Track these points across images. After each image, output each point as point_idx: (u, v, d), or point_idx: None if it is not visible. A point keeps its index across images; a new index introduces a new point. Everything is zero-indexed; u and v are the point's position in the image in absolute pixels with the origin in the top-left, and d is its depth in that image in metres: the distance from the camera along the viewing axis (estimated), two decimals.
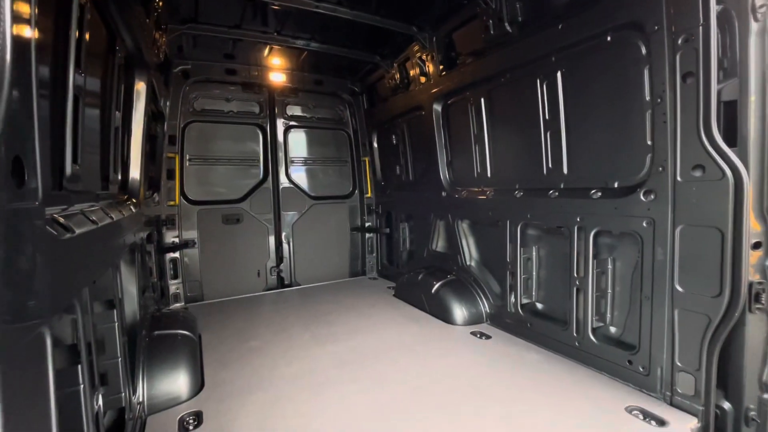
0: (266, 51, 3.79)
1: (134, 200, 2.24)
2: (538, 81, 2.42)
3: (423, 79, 3.49)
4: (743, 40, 1.59)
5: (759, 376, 1.73)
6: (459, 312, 3.03)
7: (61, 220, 0.85)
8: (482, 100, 2.93)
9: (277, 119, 4.26)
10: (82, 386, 0.97)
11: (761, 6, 1.55)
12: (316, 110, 4.49)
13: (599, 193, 2.17)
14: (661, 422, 1.71)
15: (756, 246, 1.67)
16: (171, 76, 3.52)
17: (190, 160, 3.81)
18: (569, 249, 2.31)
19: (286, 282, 4.34)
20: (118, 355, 1.51)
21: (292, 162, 4.40)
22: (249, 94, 4.10)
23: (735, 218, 1.59)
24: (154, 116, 2.99)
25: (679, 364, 1.81)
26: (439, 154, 3.46)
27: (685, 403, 1.79)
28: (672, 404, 1.83)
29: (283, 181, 4.33)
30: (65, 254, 0.81)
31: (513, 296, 2.77)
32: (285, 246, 4.32)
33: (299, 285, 4.36)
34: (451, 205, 3.39)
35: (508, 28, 2.53)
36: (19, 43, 0.58)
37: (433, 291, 3.25)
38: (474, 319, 2.98)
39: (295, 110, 4.38)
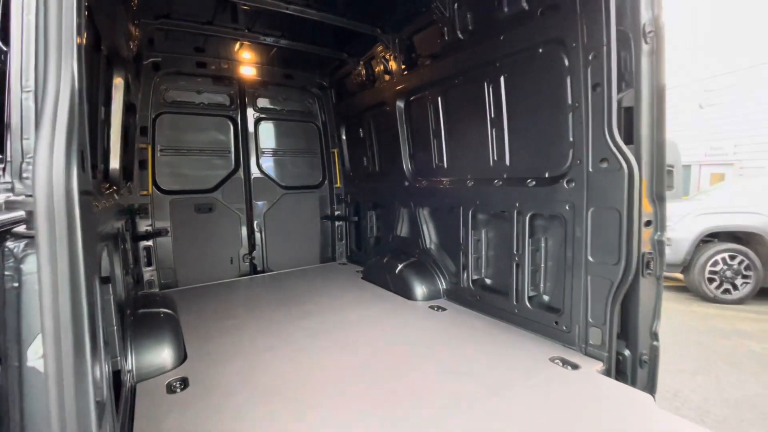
0: (237, 46, 3.92)
1: (115, 189, 2.39)
2: (485, 84, 2.76)
3: (387, 77, 3.77)
4: (637, 58, 1.98)
5: (650, 327, 2.17)
6: (419, 289, 3.37)
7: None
8: (439, 98, 3.24)
9: (247, 111, 4.40)
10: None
11: (650, 32, 1.94)
12: (286, 103, 4.66)
13: (534, 182, 2.55)
14: (575, 366, 2.12)
15: (647, 224, 2.10)
16: (142, 68, 3.59)
17: (161, 150, 3.90)
18: (511, 231, 2.69)
19: (258, 268, 4.53)
20: (114, 324, 1.72)
21: (263, 153, 4.56)
22: (219, 87, 4.21)
23: (629, 201, 2.00)
24: (126, 108, 3.09)
25: (590, 320, 2.23)
26: (402, 147, 3.76)
27: (595, 351, 2.21)
28: (586, 353, 2.25)
29: (255, 171, 4.49)
30: (97, 220, 1.03)
31: (465, 274, 3.14)
32: (257, 234, 4.50)
33: (271, 271, 4.56)
34: (413, 193, 3.72)
35: (460, 35, 2.85)
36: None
37: (396, 272, 3.58)
38: (432, 295, 3.34)
39: (266, 103, 4.53)
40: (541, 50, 2.36)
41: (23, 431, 0.79)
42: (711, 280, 5.98)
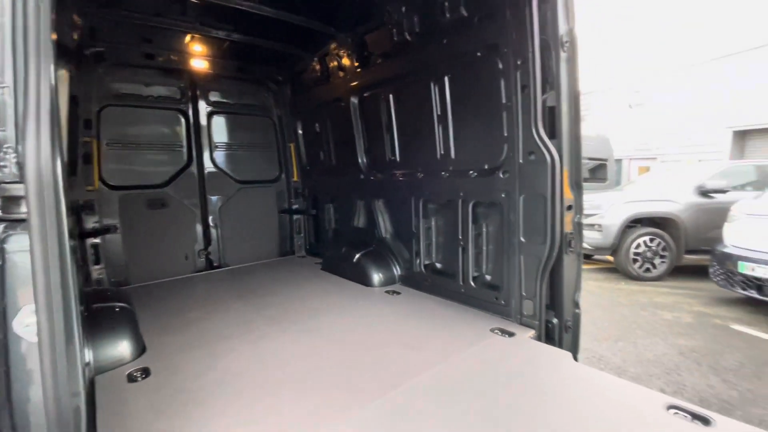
0: (187, 38, 3.86)
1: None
2: (431, 83, 2.99)
3: (342, 74, 3.90)
4: (557, 63, 2.28)
5: (572, 297, 2.52)
6: (376, 276, 3.57)
7: None
8: (391, 96, 3.44)
9: (199, 105, 4.33)
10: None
11: (566, 42, 2.25)
12: (241, 97, 4.64)
13: (475, 174, 2.83)
14: (512, 334, 2.42)
15: (569, 208, 2.42)
16: (84, 58, 3.45)
17: (108, 144, 3.76)
18: (456, 218, 2.96)
19: (215, 264, 4.50)
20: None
21: (217, 147, 4.52)
22: (169, 79, 4.11)
23: (552, 189, 2.31)
24: (70, 100, 2.99)
25: (524, 294, 2.54)
26: (357, 142, 3.92)
27: (528, 321, 2.53)
28: (521, 323, 2.56)
29: (208, 165, 4.45)
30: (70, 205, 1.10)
31: (418, 260, 3.38)
32: (212, 229, 4.47)
33: (229, 266, 4.55)
34: (369, 186, 3.90)
35: (408, 37, 3.05)
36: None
37: (354, 261, 3.76)
38: (388, 281, 3.55)
39: (219, 96, 4.48)
40: (479, 54, 2.62)
41: (9, 392, 0.88)
42: (635, 261, 6.74)
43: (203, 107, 4.35)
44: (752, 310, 5.08)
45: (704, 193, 6.78)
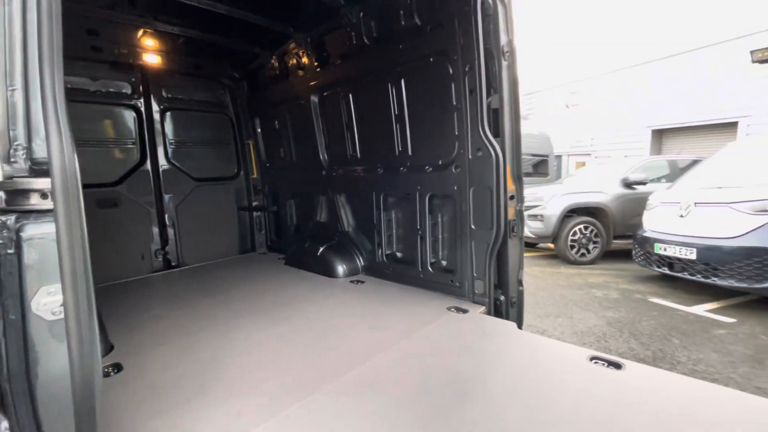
0: (139, 32, 3.76)
1: None
2: (389, 85, 3.20)
3: (301, 72, 4.00)
4: (499, 70, 2.59)
5: (517, 276, 2.86)
6: (340, 267, 3.75)
7: None
8: (350, 95, 3.61)
9: (152, 101, 4.22)
10: None
11: (506, 51, 2.56)
12: (196, 93, 4.56)
13: (431, 169, 3.09)
14: (465, 311, 2.71)
15: (511, 198, 2.75)
16: None
17: None
18: (414, 210, 3.21)
19: (173, 263, 4.42)
20: None
21: (172, 144, 4.43)
22: (119, 74, 3.97)
23: (497, 181, 2.62)
24: None
25: (475, 275, 2.85)
26: (318, 139, 4.05)
27: (479, 299, 2.84)
28: (473, 301, 2.86)
29: (163, 163, 4.35)
30: None
31: (380, 250, 3.60)
32: (169, 228, 4.38)
33: (188, 265, 4.49)
34: (331, 182, 4.05)
35: (366, 40, 3.24)
36: None
37: (318, 254, 3.90)
38: (352, 272, 3.74)
39: (173, 93, 4.38)
40: (431, 60, 2.87)
41: (28, 369, 0.96)
42: (572, 247, 7.47)
43: (157, 103, 4.24)
44: (666, 284, 5.88)
45: (628, 185, 7.66)
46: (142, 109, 4.15)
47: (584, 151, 15.82)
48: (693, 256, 5.00)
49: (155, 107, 4.24)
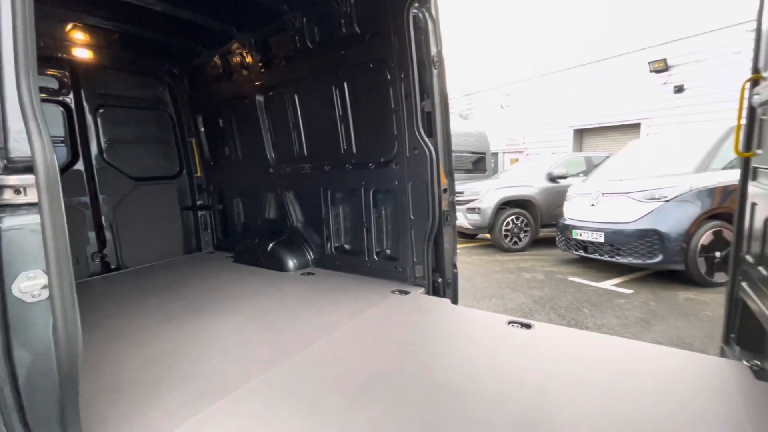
0: (68, 26, 3.58)
1: None
2: (333, 87, 3.42)
3: (245, 72, 4.06)
4: (430, 78, 2.92)
5: (451, 260, 3.23)
6: (291, 262, 3.90)
7: None
8: (296, 96, 3.76)
9: (84, 97, 4.03)
10: None
11: (436, 61, 2.90)
12: (133, 90, 4.41)
13: (374, 166, 3.36)
14: (407, 293, 3.02)
15: (445, 191, 3.11)
16: None
17: None
18: (360, 204, 3.47)
19: (112, 266, 4.25)
20: None
21: (107, 142, 4.25)
22: (45, 69, 3.75)
23: (431, 176, 2.96)
24: None
25: (415, 260, 3.17)
26: (264, 137, 4.14)
27: (419, 281, 3.17)
28: (414, 284, 3.18)
29: (98, 162, 4.17)
30: None
31: (329, 243, 3.81)
32: (107, 230, 4.22)
33: (128, 268, 4.35)
34: (279, 179, 4.16)
35: (310, 44, 3.42)
36: None
37: (268, 249, 4.01)
38: (302, 265, 3.91)
39: (107, 89, 4.20)
40: (371, 66, 3.13)
41: (9, 348, 1.07)
42: (506, 236, 8.20)
43: (90, 100, 4.05)
44: (582, 265, 6.74)
45: (552, 179, 8.57)
46: (73, 106, 3.95)
47: (517, 148, 17.15)
48: (601, 239, 5.81)
49: (88, 105, 4.05)
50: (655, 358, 1.93)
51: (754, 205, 1.80)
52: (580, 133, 15.74)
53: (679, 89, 12.38)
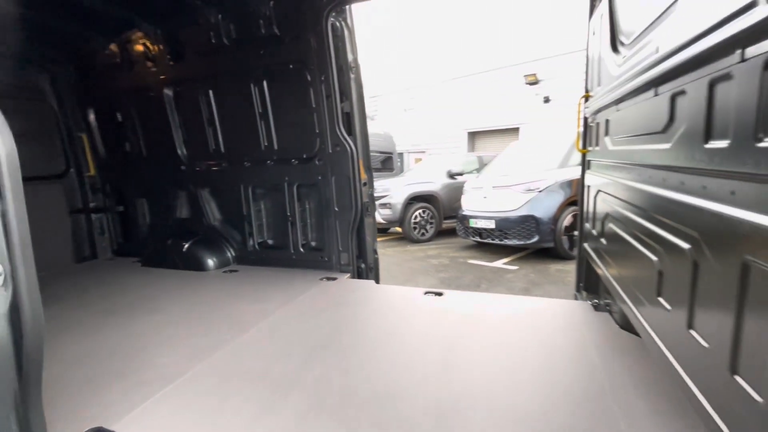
0: None
1: None
2: (251, 84, 3.48)
3: (150, 64, 3.83)
4: (348, 81, 3.21)
5: (372, 247, 3.59)
6: (210, 260, 3.83)
7: None
8: (211, 91, 3.70)
9: None
10: None
11: (352, 67, 3.20)
12: (3, 76, 3.80)
13: (297, 161, 3.53)
14: (334, 279, 3.28)
15: (365, 185, 3.45)
16: None
17: None
18: (284, 199, 3.60)
19: None
20: None
21: None
22: None
23: (353, 171, 3.26)
24: None
25: (341, 249, 3.45)
26: (174, 133, 3.96)
27: (345, 268, 3.45)
28: (341, 271, 3.46)
29: None
30: None
31: (251, 239, 3.84)
32: None
33: None
34: (192, 176, 4.02)
35: (226, 41, 3.42)
36: None
37: (185, 250, 3.87)
38: (223, 263, 3.87)
39: None
40: (291, 66, 3.30)
41: None
42: (415, 228, 8.93)
43: None
44: (479, 249, 7.75)
45: (451, 176, 9.58)
46: None
47: (420, 148, 18.46)
48: (493, 226, 6.80)
49: None
50: (533, 306, 2.54)
51: (588, 187, 2.50)
52: (473, 135, 17.67)
53: (546, 99, 14.79)
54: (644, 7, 1.46)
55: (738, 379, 0.81)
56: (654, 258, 1.32)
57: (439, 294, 2.78)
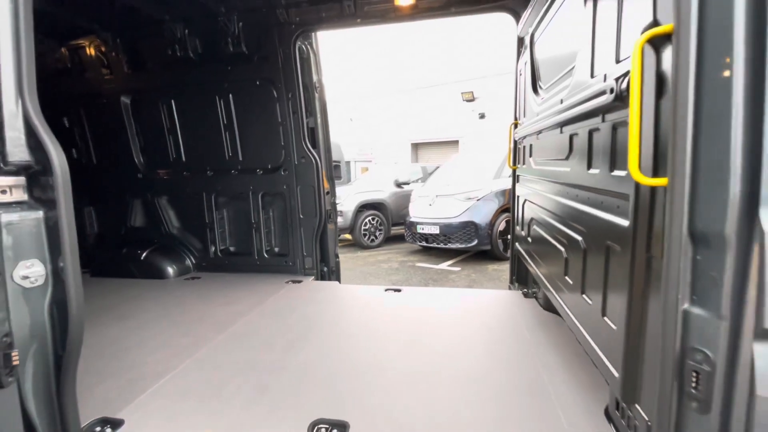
0: None
1: None
2: (217, 97, 3.62)
3: (105, 71, 3.79)
4: (313, 99, 3.51)
5: (334, 252, 3.88)
6: (170, 268, 3.84)
7: None
8: (173, 101, 3.76)
9: None
10: None
11: (317, 87, 3.52)
12: None
13: (262, 171, 3.73)
14: (300, 281, 3.51)
15: (327, 193, 3.75)
16: None
17: None
18: (248, 206, 3.77)
19: None
20: None
21: None
22: None
23: (317, 181, 3.55)
24: None
25: (305, 254, 3.70)
26: (131, 141, 3.93)
27: (309, 271, 3.70)
28: (305, 274, 3.70)
29: None
30: None
31: (213, 246, 3.93)
32: None
33: None
34: (149, 184, 4.01)
35: (191, 55, 3.54)
36: None
37: (142, 258, 3.84)
38: (184, 271, 3.90)
39: None
40: (258, 83, 3.52)
41: (10, 331, 1.20)
42: (365, 235, 9.30)
43: None
44: (425, 253, 8.33)
45: (398, 184, 10.14)
46: None
47: (367, 158, 18.97)
48: (437, 231, 7.41)
49: None
50: (476, 296, 3.02)
51: (518, 197, 3.07)
52: (416, 146, 18.61)
53: (482, 116, 16.13)
54: (553, 65, 2.00)
55: (606, 319, 1.29)
56: (562, 249, 1.83)
57: (398, 290, 3.17)
